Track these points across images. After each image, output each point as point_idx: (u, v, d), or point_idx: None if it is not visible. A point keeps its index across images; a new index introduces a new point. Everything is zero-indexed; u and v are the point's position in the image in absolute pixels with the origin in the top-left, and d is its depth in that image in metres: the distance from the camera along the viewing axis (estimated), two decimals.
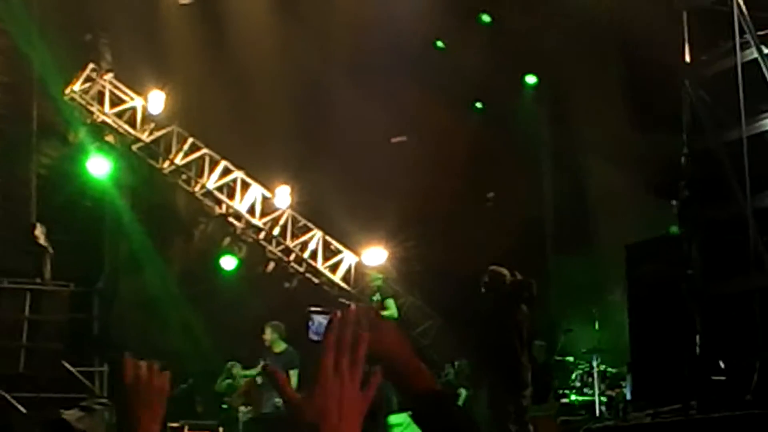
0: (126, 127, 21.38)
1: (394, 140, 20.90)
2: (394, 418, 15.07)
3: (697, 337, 11.33)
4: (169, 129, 21.64)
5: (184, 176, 22.01)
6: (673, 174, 12.01)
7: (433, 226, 22.11)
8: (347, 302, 19.46)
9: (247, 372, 18.40)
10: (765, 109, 10.96)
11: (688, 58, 11.98)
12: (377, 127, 21.14)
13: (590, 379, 16.27)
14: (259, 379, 17.17)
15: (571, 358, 16.18)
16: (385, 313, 15.16)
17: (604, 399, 15.91)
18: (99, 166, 20.68)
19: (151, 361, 3.22)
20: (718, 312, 11.40)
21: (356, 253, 22.67)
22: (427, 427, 2.61)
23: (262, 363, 16.44)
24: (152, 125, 21.58)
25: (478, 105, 23.70)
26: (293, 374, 15.59)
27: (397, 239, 22.24)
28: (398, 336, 2.65)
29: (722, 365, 10.89)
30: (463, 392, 17.01)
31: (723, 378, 10.83)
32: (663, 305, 12.32)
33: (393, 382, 2.63)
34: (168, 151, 21.79)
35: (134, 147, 21.58)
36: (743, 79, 10.90)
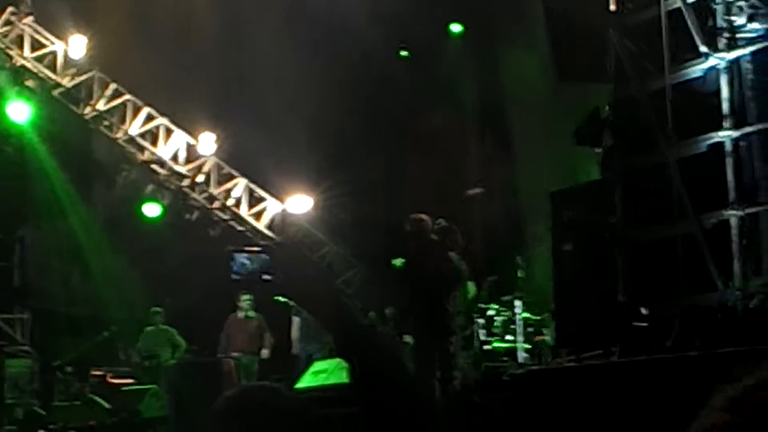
0: (46, 71, 21.03)
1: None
2: (319, 365, 15.10)
3: (620, 283, 11.46)
4: (90, 74, 21.33)
5: (106, 122, 21.74)
6: (598, 122, 12.09)
7: (357, 175, 22.11)
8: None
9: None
10: (689, 58, 11.05)
11: (613, 7, 12.04)
12: (303, 75, 21.01)
13: (513, 327, 16.39)
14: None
15: (495, 306, 16.26)
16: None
17: (527, 346, 16.05)
18: (19, 112, 20.34)
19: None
20: (641, 259, 11.54)
21: (281, 200, 22.60)
22: (352, 360, 2.63)
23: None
24: (73, 70, 21.25)
25: (404, 53, 23.62)
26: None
27: (321, 187, 22.20)
28: (321, 272, 2.67)
29: (644, 311, 11.04)
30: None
31: (645, 324, 10.98)
32: (586, 252, 12.44)
33: (319, 320, 2.64)
34: (90, 96, 21.48)
35: (55, 92, 21.25)
36: (668, 28, 10.97)
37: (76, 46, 20.84)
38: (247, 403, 2.74)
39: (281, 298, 16.70)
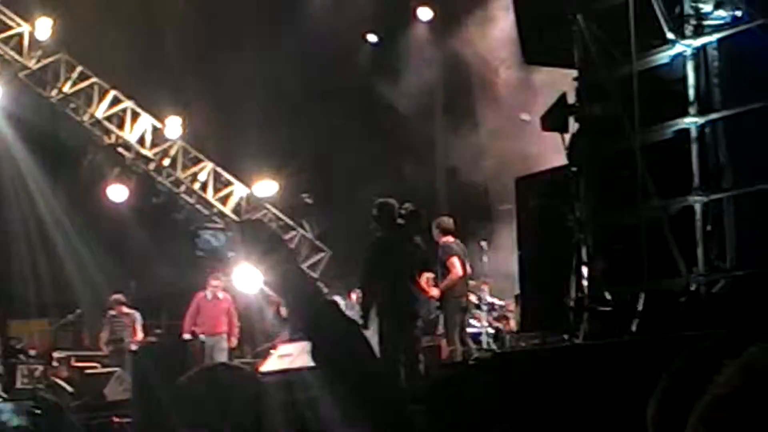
0: (12, 53, 20.89)
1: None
2: (284, 348, 15.10)
3: (584, 268, 11.51)
4: (57, 56, 21.23)
5: (72, 105, 21.65)
6: (564, 108, 12.11)
7: (324, 159, 22.10)
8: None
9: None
10: (656, 45, 11.08)
11: None
12: (270, 60, 20.94)
13: (478, 311, 16.47)
14: None
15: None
16: None
17: (491, 330, 16.12)
18: None
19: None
20: (605, 244, 11.59)
21: (247, 185, 22.58)
22: (314, 333, 2.63)
23: None
24: (39, 52, 21.13)
25: (372, 37, 23.58)
26: None
27: (287, 172, 22.19)
28: (283, 248, 2.67)
29: (608, 296, 11.09)
30: None
31: (609, 309, 11.03)
32: (551, 237, 12.48)
33: (282, 295, 2.65)
34: (56, 79, 21.40)
35: (21, 74, 21.11)
36: (635, 14, 10.99)
37: (42, 28, 20.70)
38: (205, 381, 2.74)
39: None
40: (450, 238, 14.99)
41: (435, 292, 15.03)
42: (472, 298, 16.11)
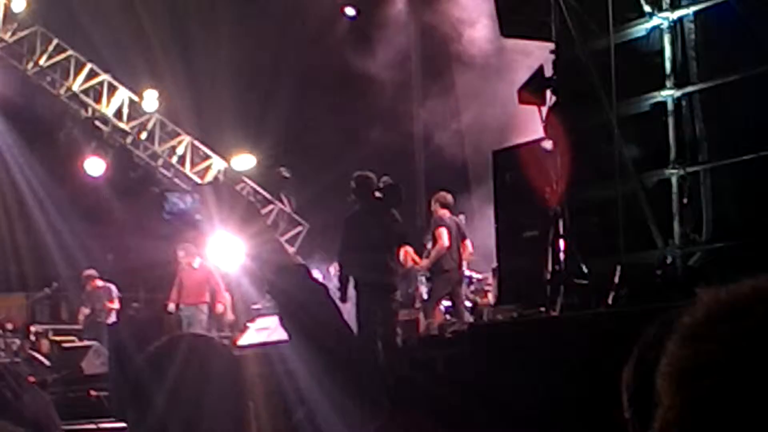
0: None
1: None
2: (262, 321, 15.09)
3: (561, 241, 11.54)
4: (32, 29, 21.09)
5: (48, 78, 21.53)
6: (541, 81, 12.11)
7: (302, 132, 22.05)
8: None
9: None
10: (633, 17, 11.08)
11: None
12: (248, 34, 20.86)
13: None
14: None
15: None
16: None
17: (468, 303, 16.14)
18: None
19: None
20: (582, 217, 11.62)
21: (225, 158, 22.53)
22: (283, 300, 2.62)
23: None
24: (15, 25, 20.98)
25: (350, 11, 23.46)
26: None
27: (265, 146, 22.14)
28: (252, 212, 2.67)
29: (585, 269, 11.12)
30: None
31: (585, 281, 11.06)
32: (528, 210, 12.50)
33: (250, 258, 2.65)
34: (32, 52, 21.26)
35: None
36: None
37: (18, 1, 20.56)
38: (174, 350, 2.73)
39: None
40: (445, 212, 15.01)
41: (424, 263, 15.09)
42: None
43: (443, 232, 14.70)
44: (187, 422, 2.61)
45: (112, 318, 18.59)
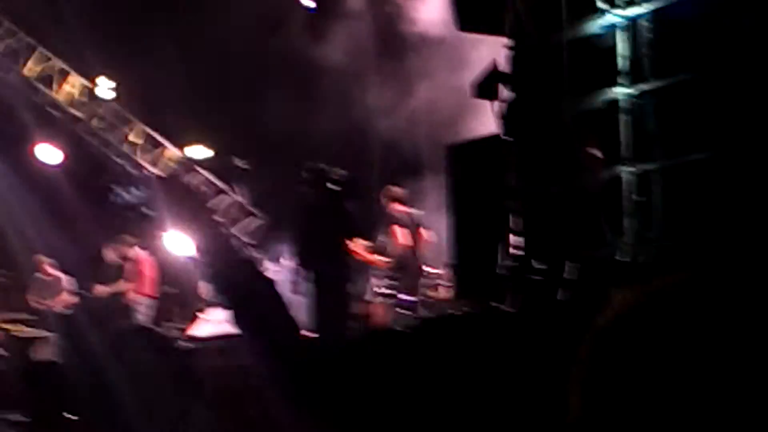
0: None
1: None
2: (213, 313, 15.04)
3: (513, 237, 11.57)
4: None
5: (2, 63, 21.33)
6: (495, 76, 12.12)
7: (258, 123, 21.94)
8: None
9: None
10: (588, 14, 11.11)
11: None
12: (205, 21, 20.74)
13: None
14: None
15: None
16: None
17: (421, 298, 16.13)
18: None
19: None
20: (536, 214, 11.65)
21: (179, 148, 22.43)
22: (231, 294, 2.62)
23: None
24: None
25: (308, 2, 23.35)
26: None
27: (220, 136, 22.06)
28: (200, 207, 2.66)
29: (537, 265, 11.16)
30: None
31: (537, 278, 11.10)
32: (482, 205, 12.51)
33: (199, 252, 2.64)
34: None
35: None
36: None
37: None
38: (122, 342, 2.72)
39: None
40: (398, 206, 14.99)
41: (381, 261, 15.07)
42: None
43: (397, 230, 14.70)
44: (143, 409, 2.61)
45: (63, 307, 18.44)
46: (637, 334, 1.35)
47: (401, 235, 14.61)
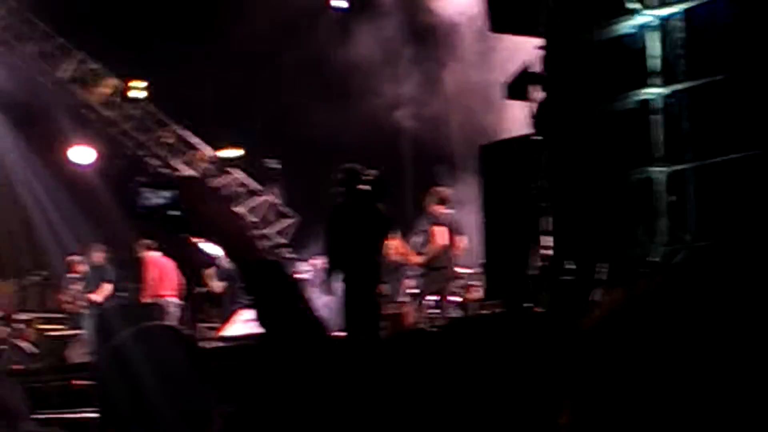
0: None
1: None
2: (247, 313, 15.06)
3: (545, 237, 11.54)
4: (20, 16, 21.05)
5: (35, 66, 21.47)
6: (528, 77, 12.10)
7: (291, 124, 21.97)
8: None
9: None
10: (621, 14, 11.07)
11: None
12: (236, 25, 20.79)
13: None
14: None
15: None
16: None
17: (454, 299, 16.10)
18: None
19: None
20: (568, 214, 11.61)
21: (213, 149, 22.51)
22: (257, 296, 2.61)
23: None
24: (3, 11, 20.93)
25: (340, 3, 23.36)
26: None
27: (254, 137, 22.11)
28: (226, 207, 2.66)
29: (570, 266, 11.12)
30: None
31: (570, 278, 11.06)
32: (515, 206, 12.48)
33: (223, 252, 2.64)
34: (19, 39, 21.21)
35: None
36: None
37: None
38: (147, 340, 2.72)
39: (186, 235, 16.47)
40: (441, 208, 14.97)
41: (418, 259, 15.03)
42: None
43: (439, 230, 14.68)
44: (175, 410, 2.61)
45: (95, 307, 18.51)
46: (621, 336, 1.35)
47: (443, 237, 14.60)
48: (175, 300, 17.67)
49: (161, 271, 17.55)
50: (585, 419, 1.34)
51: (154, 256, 17.52)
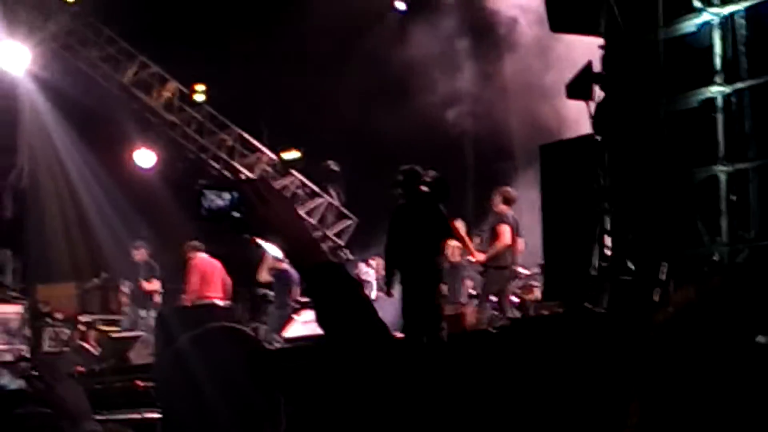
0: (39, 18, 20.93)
1: None
2: (308, 314, 15.11)
3: (607, 237, 11.48)
4: (84, 21, 21.25)
5: (99, 71, 21.67)
6: (589, 76, 12.04)
7: (351, 125, 22.00)
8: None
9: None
10: (683, 13, 10.99)
11: None
12: (294, 27, 20.85)
13: None
14: None
15: None
16: None
17: (514, 299, 16.08)
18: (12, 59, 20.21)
19: None
20: (629, 213, 11.54)
21: (274, 151, 22.60)
22: (318, 298, 2.62)
23: None
24: (68, 16, 21.15)
25: (400, 5, 23.36)
26: None
27: (314, 139, 22.17)
28: (289, 209, 2.67)
29: (631, 266, 11.05)
30: None
31: (631, 278, 10.99)
32: (575, 205, 12.42)
33: (284, 254, 2.65)
34: (83, 44, 21.41)
35: (49, 39, 21.15)
36: None
37: None
38: (208, 342, 2.74)
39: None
40: (507, 208, 14.97)
41: (480, 257, 15.04)
42: None
43: (506, 229, 14.67)
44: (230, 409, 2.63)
45: (155, 300, 18.63)
46: (695, 331, 1.33)
47: (508, 236, 14.60)
48: (219, 302, 17.60)
49: (205, 273, 17.49)
50: (655, 418, 1.33)
51: (201, 257, 17.53)
